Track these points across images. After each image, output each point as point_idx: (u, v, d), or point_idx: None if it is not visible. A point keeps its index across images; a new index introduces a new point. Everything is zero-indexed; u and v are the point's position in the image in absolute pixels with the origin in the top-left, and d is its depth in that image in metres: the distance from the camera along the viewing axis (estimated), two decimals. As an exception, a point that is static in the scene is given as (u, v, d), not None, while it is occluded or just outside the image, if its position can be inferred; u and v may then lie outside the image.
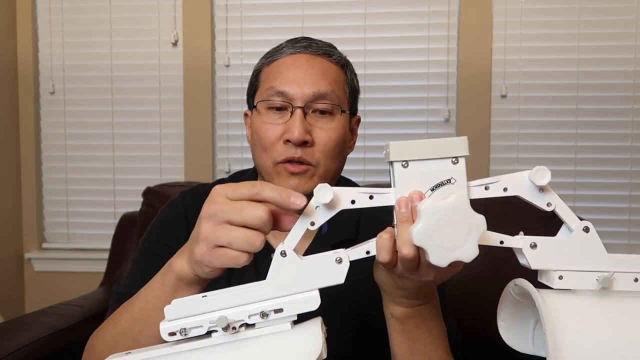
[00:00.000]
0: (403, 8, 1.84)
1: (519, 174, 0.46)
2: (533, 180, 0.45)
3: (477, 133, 1.81)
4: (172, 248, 0.79)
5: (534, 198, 0.46)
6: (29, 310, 1.97)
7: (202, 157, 1.91)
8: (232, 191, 0.49)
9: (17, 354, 1.02)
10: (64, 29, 1.95)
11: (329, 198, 0.45)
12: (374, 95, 1.86)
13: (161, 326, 0.45)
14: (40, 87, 1.98)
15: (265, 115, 0.76)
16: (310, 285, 0.46)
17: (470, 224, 0.44)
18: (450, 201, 0.44)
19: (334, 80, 0.76)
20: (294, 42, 0.79)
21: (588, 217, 1.64)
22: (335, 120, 0.76)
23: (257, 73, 0.81)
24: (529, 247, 0.46)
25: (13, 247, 1.95)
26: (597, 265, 0.46)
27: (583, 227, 0.46)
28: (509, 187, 0.46)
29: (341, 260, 0.46)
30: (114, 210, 1.96)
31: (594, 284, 0.45)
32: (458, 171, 0.46)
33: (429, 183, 0.45)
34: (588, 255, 0.46)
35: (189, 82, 1.90)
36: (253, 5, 1.88)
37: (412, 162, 0.45)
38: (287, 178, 0.74)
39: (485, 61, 1.81)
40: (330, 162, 0.75)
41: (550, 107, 1.81)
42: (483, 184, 0.47)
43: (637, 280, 0.46)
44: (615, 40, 1.78)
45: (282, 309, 0.45)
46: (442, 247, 0.44)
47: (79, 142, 1.97)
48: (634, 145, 1.79)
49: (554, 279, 0.46)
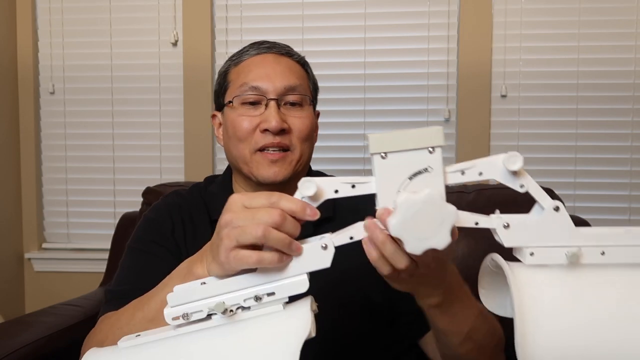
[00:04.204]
0: (403, 8, 1.84)
1: (494, 158, 0.49)
2: (506, 166, 0.48)
3: (477, 133, 1.81)
4: (159, 244, 0.82)
5: (508, 181, 0.49)
6: (29, 310, 1.97)
7: (202, 157, 1.91)
8: (250, 201, 0.51)
9: (17, 354, 1.02)
10: (64, 29, 1.95)
11: (312, 191, 0.49)
12: (374, 95, 1.86)
13: (165, 311, 0.50)
14: (40, 87, 1.98)
15: (240, 109, 0.82)
16: (299, 270, 0.49)
17: (443, 214, 0.47)
18: (424, 195, 0.46)
19: (299, 76, 0.85)
20: (258, 45, 0.86)
21: (588, 217, 1.64)
22: (305, 110, 0.84)
23: (225, 74, 0.87)
24: (502, 227, 0.49)
25: (13, 247, 1.95)
26: (566, 241, 0.48)
27: (554, 207, 0.49)
28: (484, 171, 0.49)
29: (326, 247, 0.50)
30: (114, 210, 1.96)
31: (563, 259, 0.48)
32: (434, 160, 0.48)
33: (407, 172, 0.48)
34: (558, 232, 0.49)
35: (189, 82, 1.90)
36: (253, 5, 1.88)
37: (391, 153, 0.48)
38: (268, 166, 0.79)
39: (485, 61, 1.81)
40: (305, 147, 0.83)
41: (550, 107, 1.81)
42: (459, 170, 0.49)
43: (603, 253, 0.48)
44: (615, 40, 1.78)
45: (274, 292, 0.49)
46: (417, 237, 0.47)
47: (79, 142, 1.97)
48: (634, 145, 1.79)
49: (525, 255, 0.49)
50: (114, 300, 0.75)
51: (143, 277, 0.75)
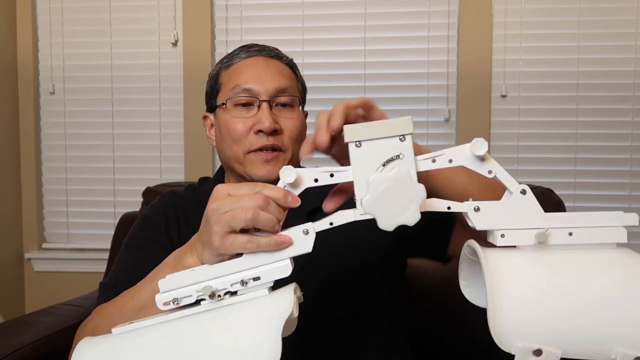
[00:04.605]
0: (403, 8, 1.84)
1: (462, 146, 0.52)
2: (473, 151, 0.51)
3: (477, 133, 1.81)
4: (153, 240, 0.84)
5: (477, 167, 0.52)
6: (29, 310, 1.97)
7: (202, 157, 1.91)
8: (234, 190, 0.54)
9: (17, 354, 1.02)
10: (64, 29, 1.95)
11: (292, 178, 0.51)
12: (374, 95, 1.86)
13: (157, 297, 0.52)
14: (40, 87, 1.98)
15: (233, 111, 0.84)
16: (283, 255, 0.52)
17: (411, 192, 0.49)
18: (393, 173, 0.49)
19: (289, 77, 0.87)
20: (247, 48, 0.88)
21: (588, 217, 1.63)
22: (295, 111, 0.86)
23: (216, 77, 0.89)
24: (473, 211, 0.52)
25: (13, 247, 1.95)
26: (535, 223, 0.51)
27: (520, 190, 0.51)
28: (454, 158, 0.52)
29: (308, 232, 0.52)
30: (114, 210, 1.96)
31: (532, 240, 0.51)
32: (406, 147, 0.51)
33: (381, 159, 0.50)
34: (526, 214, 0.51)
35: (189, 82, 1.90)
36: (253, 5, 1.89)
37: (365, 142, 0.50)
38: (262, 165, 0.82)
39: (485, 61, 1.81)
40: (297, 147, 0.84)
41: (550, 107, 1.81)
42: (430, 157, 0.52)
43: (571, 234, 0.51)
44: (615, 40, 1.78)
45: (259, 277, 0.51)
46: (387, 214, 0.50)
47: (79, 142, 1.97)
48: (634, 145, 1.79)
49: (496, 237, 0.51)
50: (107, 292, 0.77)
51: (136, 271, 0.77)
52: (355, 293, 0.84)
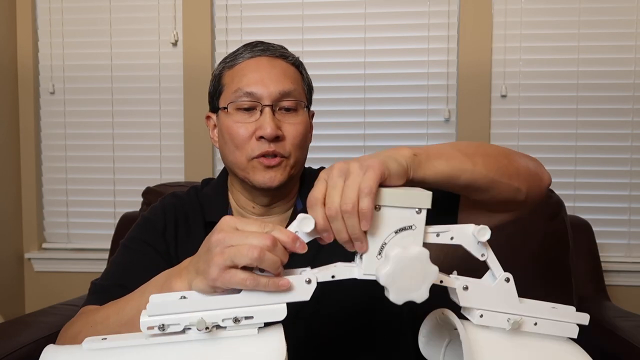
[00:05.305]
0: (403, 8, 1.84)
1: (466, 227, 0.55)
2: (476, 237, 0.54)
3: (477, 133, 1.81)
4: (148, 243, 0.84)
5: (473, 249, 0.55)
6: (29, 310, 1.97)
7: (202, 157, 1.91)
8: (243, 224, 0.52)
9: (17, 354, 1.02)
10: (64, 29, 1.95)
11: (310, 228, 0.52)
12: (374, 95, 1.86)
13: (141, 319, 0.50)
14: (40, 87, 1.98)
15: (235, 115, 0.82)
16: (280, 299, 0.52)
17: (426, 272, 0.52)
18: (414, 252, 0.51)
19: (294, 79, 0.84)
20: (251, 46, 0.85)
21: (588, 217, 1.64)
22: (299, 116, 0.83)
23: (219, 77, 0.86)
24: (462, 289, 0.56)
25: (13, 247, 1.95)
26: (511, 309, 0.56)
27: (505, 278, 0.56)
28: (455, 237, 0.55)
29: (310, 281, 0.52)
30: (114, 210, 1.96)
31: (505, 324, 0.56)
32: (419, 220, 0.52)
33: (395, 226, 0.52)
34: (505, 300, 0.56)
35: (189, 82, 1.90)
36: (253, 5, 1.89)
37: (384, 207, 0.52)
38: (264, 172, 0.80)
39: (485, 61, 1.81)
40: (299, 153, 0.83)
41: (550, 107, 1.81)
42: (435, 232, 0.55)
43: (536, 324, 0.57)
44: (615, 40, 1.78)
45: (252, 316, 0.51)
46: (401, 288, 0.51)
47: (79, 142, 1.97)
48: (634, 145, 1.79)
49: (475, 315, 0.56)
50: (97, 293, 0.78)
51: (127, 274, 0.78)
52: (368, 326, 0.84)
